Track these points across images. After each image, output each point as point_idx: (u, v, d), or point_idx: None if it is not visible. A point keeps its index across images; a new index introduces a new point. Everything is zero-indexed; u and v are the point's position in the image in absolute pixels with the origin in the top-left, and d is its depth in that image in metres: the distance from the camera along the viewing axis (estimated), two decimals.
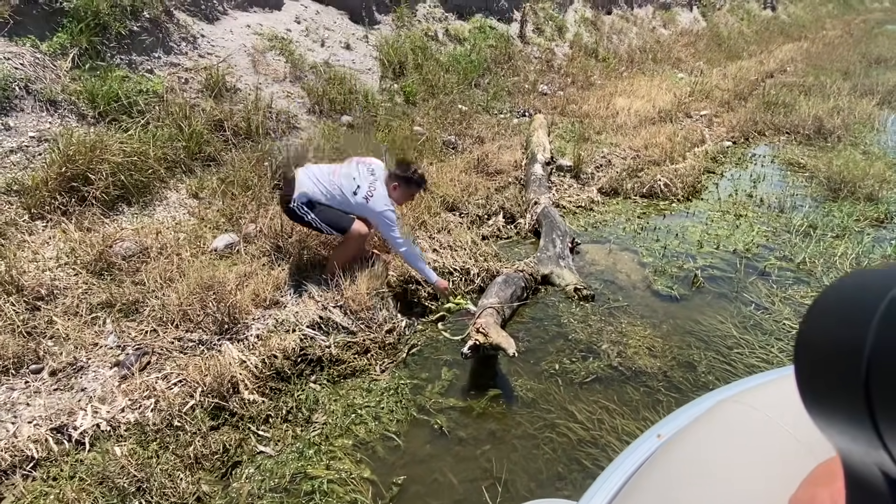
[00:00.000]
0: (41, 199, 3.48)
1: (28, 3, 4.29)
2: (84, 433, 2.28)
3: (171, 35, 5.12)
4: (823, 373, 0.38)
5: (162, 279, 3.10)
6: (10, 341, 2.59)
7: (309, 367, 2.81)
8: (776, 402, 0.87)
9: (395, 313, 3.24)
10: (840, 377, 0.35)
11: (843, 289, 0.39)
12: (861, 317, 0.34)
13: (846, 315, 0.36)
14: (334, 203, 3.14)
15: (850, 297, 0.37)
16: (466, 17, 9.43)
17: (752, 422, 0.84)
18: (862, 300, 0.35)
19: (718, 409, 0.90)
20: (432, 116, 6.49)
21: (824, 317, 0.39)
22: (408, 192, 3.29)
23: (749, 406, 0.87)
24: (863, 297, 0.35)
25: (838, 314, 0.38)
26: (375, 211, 3.10)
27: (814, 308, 0.40)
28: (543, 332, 3.28)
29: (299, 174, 3.14)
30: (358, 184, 3.10)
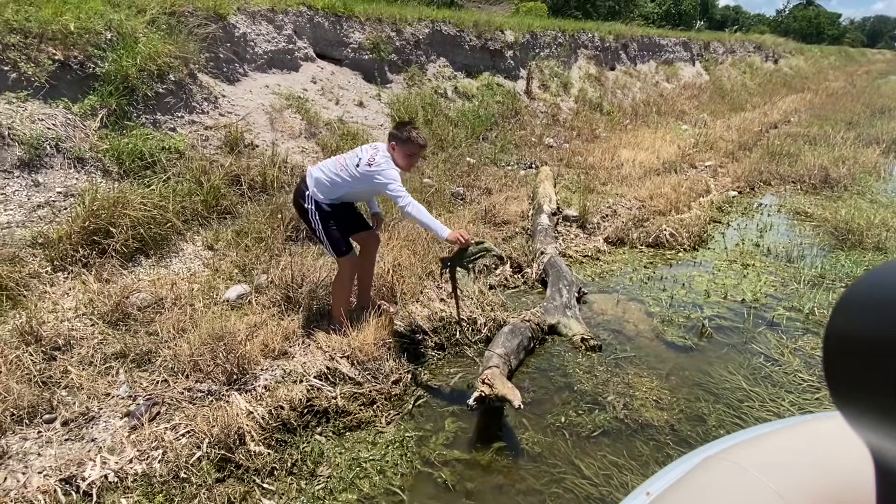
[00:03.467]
0: (64, 252, 3.63)
1: (63, 68, 4.60)
2: (92, 484, 2.30)
3: (194, 96, 5.42)
4: (858, 367, 0.36)
5: (175, 330, 3.18)
6: (27, 391, 2.66)
7: (315, 418, 2.83)
8: (762, 459, 0.90)
9: (402, 363, 3.26)
10: (876, 371, 0.34)
11: (879, 279, 0.37)
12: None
13: (883, 307, 0.35)
14: (339, 189, 3.15)
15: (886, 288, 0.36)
16: (474, 75, 9.84)
17: (738, 479, 0.87)
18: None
19: (705, 466, 0.93)
20: (441, 169, 6.69)
21: (859, 308, 0.38)
22: (404, 152, 3.11)
23: (735, 463, 0.90)
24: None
25: (874, 306, 0.36)
26: (376, 171, 3.01)
27: (846, 298, 0.39)
28: (549, 383, 3.27)
29: (313, 170, 3.26)
30: (359, 157, 3.13)
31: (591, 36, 13.42)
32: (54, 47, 4.60)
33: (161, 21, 5.41)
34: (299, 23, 7.30)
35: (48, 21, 4.61)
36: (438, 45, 9.41)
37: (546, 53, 11.77)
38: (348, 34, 7.93)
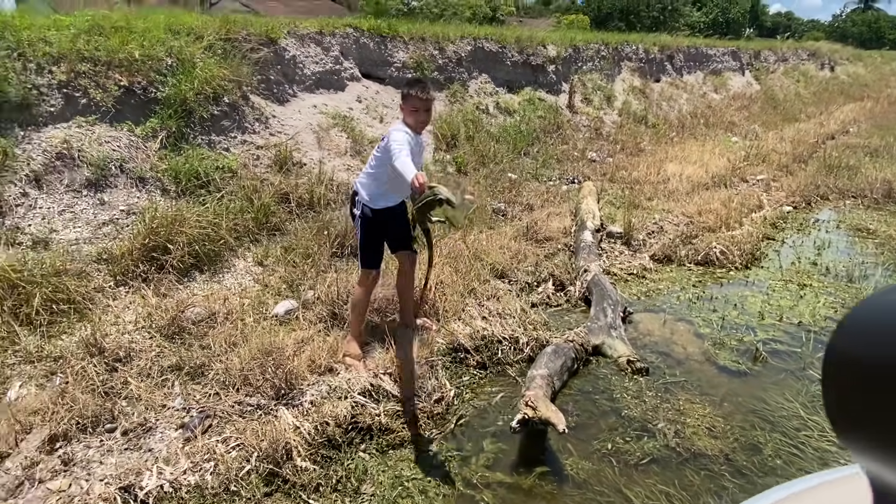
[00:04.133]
0: (125, 268, 3.84)
1: (128, 93, 4.90)
2: (149, 494, 2.40)
3: (246, 116, 5.66)
4: (858, 393, 0.36)
5: (227, 344, 3.30)
6: (90, 401, 2.81)
7: (359, 435, 2.86)
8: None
9: (444, 382, 3.27)
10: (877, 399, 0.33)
11: (881, 304, 0.37)
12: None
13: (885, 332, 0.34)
14: (379, 179, 3.12)
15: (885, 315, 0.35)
16: (516, 90, 9.86)
17: None
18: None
19: None
20: (483, 185, 6.71)
21: (860, 333, 0.37)
22: (408, 109, 3.05)
23: None
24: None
25: (876, 331, 0.35)
26: (387, 139, 3.01)
27: (847, 322, 0.38)
28: (595, 407, 3.20)
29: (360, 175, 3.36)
30: (384, 136, 3.18)
31: (634, 48, 13.24)
32: (120, 74, 4.91)
33: (217, 46, 5.69)
34: (346, 44, 7.52)
35: (115, 50, 4.93)
36: (480, 61, 9.49)
37: (589, 67, 11.68)
38: (392, 54, 8.11)
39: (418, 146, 3.16)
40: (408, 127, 3.05)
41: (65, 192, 4.20)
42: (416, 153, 3.11)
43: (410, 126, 3.06)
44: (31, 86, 4.40)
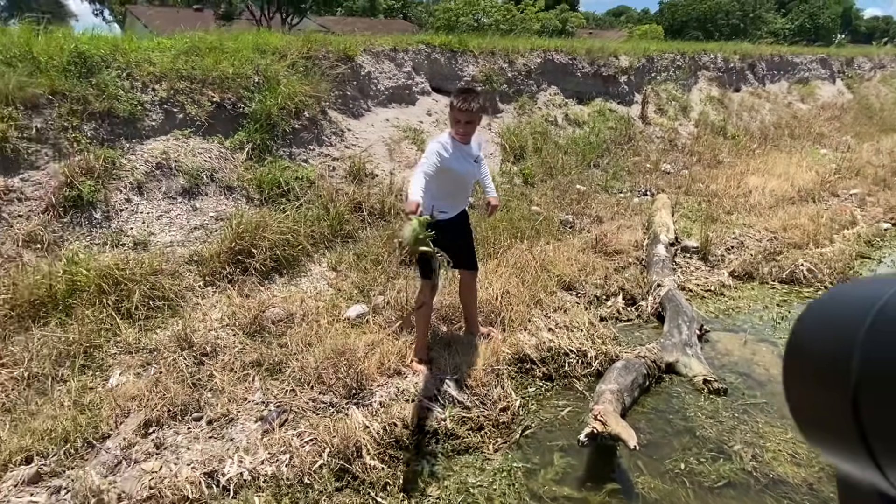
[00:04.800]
0: (213, 269, 4.12)
1: (219, 109, 5.30)
2: (230, 480, 2.55)
3: (324, 130, 5.95)
4: (812, 390, 0.36)
5: (302, 343, 3.46)
6: (180, 391, 3.03)
7: (425, 438, 2.91)
8: None
9: (509, 392, 3.25)
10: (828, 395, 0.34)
11: (829, 303, 0.37)
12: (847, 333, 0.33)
13: (832, 331, 0.35)
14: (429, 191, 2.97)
15: (836, 310, 0.36)
16: (586, 101, 9.73)
17: None
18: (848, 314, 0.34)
19: None
20: (550, 196, 6.66)
21: (811, 333, 0.38)
22: (451, 119, 3.09)
23: None
24: (849, 312, 0.34)
25: (824, 330, 0.36)
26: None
27: (800, 324, 0.38)
28: (667, 426, 3.07)
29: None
30: None
31: (713, 57, 12.71)
32: (213, 91, 5.32)
33: (299, 64, 6.04)
34: (418, 59, 7.75)
35: (210, 69, 5.35)
36: (550, 73, 9.46)
37: (663, 77, 11.33)
38: (462, 68, 8.25)
39: (464, 156, 3.13)
40: (452, 137, 3.08)
41: (162, 199, 4.58)
42: (461, 163, 3.10)
43: (457, 136, 3.08)
44: (137, 102, 4.86)
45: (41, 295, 3.50)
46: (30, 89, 4.33)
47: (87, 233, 4.13)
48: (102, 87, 4.69)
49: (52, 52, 4.64)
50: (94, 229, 4.17)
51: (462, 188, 3.30)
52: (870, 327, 0.31)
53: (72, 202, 4.14)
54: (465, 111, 3.01)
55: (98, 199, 4.25)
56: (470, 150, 3.18)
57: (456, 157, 3.07)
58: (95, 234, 4.15)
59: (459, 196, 3.30)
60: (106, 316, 3.57)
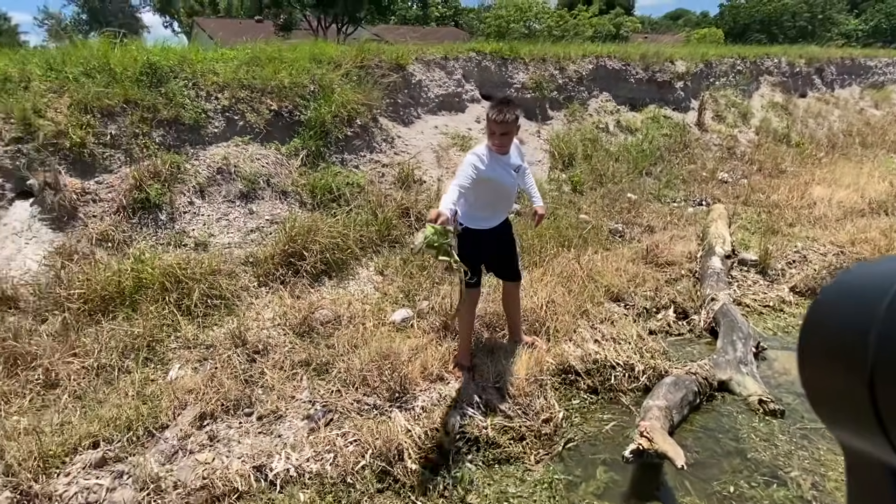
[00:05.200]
0: (267, 270, 4.29)
1: (277, 116, 5.52)
2: (277, 475, 2.65)
3: (375, 137, 6.09)
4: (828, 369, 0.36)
5: (349, 345, 3.55)
6: (234, 386, 3.17)
7: (466, 445, 2.91)
8: None
9: (552, 403, 3.21)
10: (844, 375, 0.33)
11: (849, 279, 0.36)
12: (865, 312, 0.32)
13: (850, 309, 0.34)
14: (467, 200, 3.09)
15: (855, 288, 0.35)
16: (639, 108, 9.51)
17: None
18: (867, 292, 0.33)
19: None
20: (599, 205, 6.54)
21: (828, 310, 0.37)
22: (487, 131, 3.07)
23: None
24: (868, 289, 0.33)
25: (842, 308, 0.36)
26: None
27: (818, 300, 0.38)
28: (717, 446, 2.95)
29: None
30: None
31: (776, 61, 12.15)
32: (271, 99, 5.55)
33: (353, 73, 6.21)
34: (468, 67, 7.81)
35: (269, 78, 5.59)
36: (602, 79, 9.31)
37: (722, 82, 10.92)
38: (512, 75, 8.25)
39: (502, 166, 3.08)
40: (489, 148, 3.05)
41: (222, 202, 4.81)
42: (499, 173, 3.05)
43: (490, 142, 3.04)
44: (201, 110, 5.14)
45: (111, 291, 3.74)
46: (106, 99, 4.66)
47: (153, 233, 4.39)
48: (170, 96, 4.98)
49: (127, 63, 4.97)
50: (159, 230, 4.43)
51: (502, 198, 3.24)
52: (889, 306, 0.31)
53: (140, 204, 4.41)
54: (499, 123, 2.96)
55: (164, 202, 4.51)
56: (508, 159, 3.13)
57: (493, 167, 3.04)
58: (160, 234, 4.41)
59: (500, 206, 3.27)
60: (168, 312, 3.78)
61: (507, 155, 3.11)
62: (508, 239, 3.39)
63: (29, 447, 2.58)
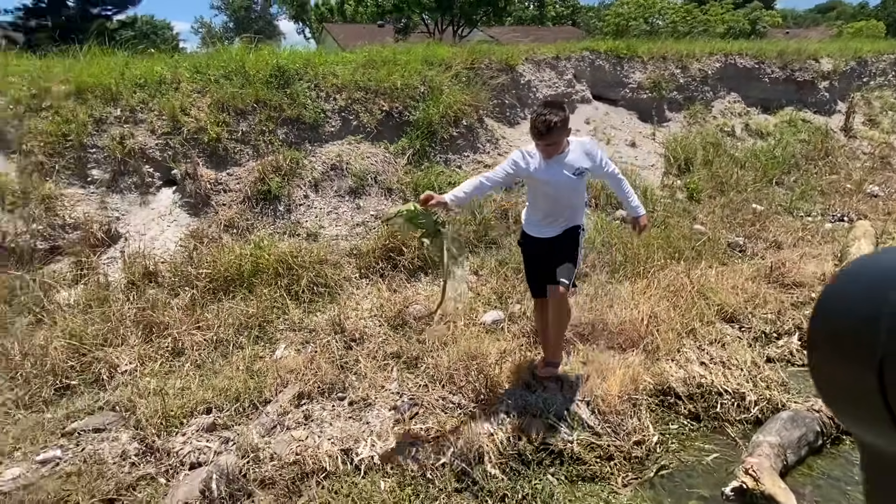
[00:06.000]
0: (368, 263, 4.49)
1: (387, 117, 5.75)
2: (362, 461, 2.75)
3: (479, 137, 6.11)
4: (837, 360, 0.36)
5: (438, 342, 3.59)
6: (330, 371, 3.35)
7: (549, 457, 2.82)
8: None
9: (646, 424, 3.01)
10: (854, 367, 0.33)
11: (859, 270, 0.37)
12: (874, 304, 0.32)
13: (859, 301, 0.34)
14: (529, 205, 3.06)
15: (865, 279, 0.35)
16: (772, 110, 8.61)
17: None
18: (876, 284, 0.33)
19: None
20: (718, 215, 6.02)
21: (838, 301, 0.37)
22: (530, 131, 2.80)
23: None
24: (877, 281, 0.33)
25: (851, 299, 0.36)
26: None
27: (828, 291, 0.38)
28: (841, 498, 2.58)
29: None
30: None
31: None
32: (384, 100, 5.79)
33: (462, 74, 6.29)
34: (580, 67, 7.57)
35: (383, 80, 5.84)
36: (730, 79, 8.55)
37: (878, 82, 9.55)
38: (628, 74, 7.86)
39: (555, 166, 2.79)
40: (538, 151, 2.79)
41: (333, 197, 5.12)
42: (550, 174, 2.80)
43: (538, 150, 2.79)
44: (321, 110, 5.49)
45: (232, 272, 4.13)
46: (240, 99, 5.15)
47: (271, 222, 4.78)
48: (294, 97, 5.39)
49: (259, 66, 5.46)
50: (277, 220, 4.81)
51: (560, 204, 2.91)
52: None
53: (262, 195, 4.82)
54: (536, 132, 2.67)
55: (283, 194, 4.89)
56: (566, 159, 2.80)
57: (544, 167, 2.78)
58: (278, 224, 4.79)
59: (558, 213, 2.93)
60: (279, 296, 4.09)
61: (564, 154, 2.80)
62: (565, 248, 2.98)
63: (155, 406, 2.93)
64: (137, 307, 3.77)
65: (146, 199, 4.74)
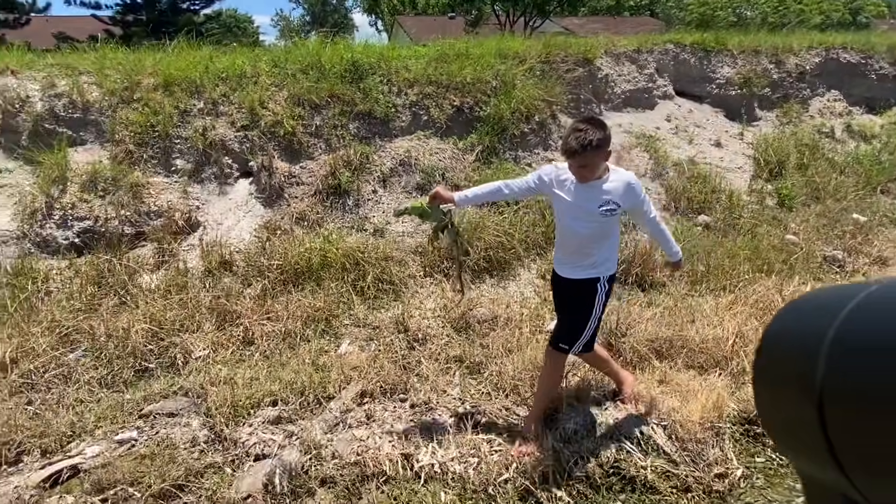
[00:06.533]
0: (433, 262, 4.42)
1: (458, 112, 5.64)
2: (422, 468, 2.69)
3: (552, 134, 5.89)
4: (780, 396, 0.37)
5: (503, 348, 3.48)
6: (392, 370, 3.31)
7: (619, 482, 2.65)
8: None
9: (730, 455, 2.76)
10: (796, 404, 0.34)
11: (803, 305, 0.38)
12: (813, 342, 0.33)
13: (799, 337, 0.36)
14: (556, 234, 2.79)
15: (806, 315, 0.37)
16: (880, 110, 7.79)
17: None
18: (815, 321, 0.34)
19: None
20: (812, 225, 5.50)
21: (781, 336, 0.38)
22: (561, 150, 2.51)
23: None
24: (816, 318, 0.34)
25: (793, 335, 0.37)
26: None
27: (773, 325, 0.39)
28: None
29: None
30: None
31: None
32: (454, 95, 5.68)
33: (536, 68, 6.08)
34: (663, 61, 7.13)
35: (454, 74, 5.73)
36: (831, 75, 7.80)
37: None
38: (715, 69, 7.33)
39: (581, 193, 2.45)
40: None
41: (400, 192, 5.09)
42: (571, 198, 2.48)
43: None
44: (392, 105, 5.47)
45: (302, 265, 4.19)
46: (315, 93, 5.22)
47: (340, 216, 4.82)
48: (367, 91, 5.40)
49: (335, 61, 5.50)
50: (345, 214, 4.84)
51: (575, 238, 2.54)
52: (837, 331, 0.32)
53: (332, 189, 4.87)
54: (570, 149, 2.31)
55: (352, 189, 4.92)
56: (601, 186, 2.43)
57: (571, 188, 2.46)
58: (346, 218, 4.82)
59: (570, 247, 2.58)
60: (345, 291, 4.11)
61: (601, 181, 2.44)
62: (575, 300, 2.61)
63: (225, 395, 3.00)
64: (213, 295, 3.90)
65: (224, 190, 4.90)
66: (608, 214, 2.45)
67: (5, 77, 4.81)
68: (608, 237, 2.56)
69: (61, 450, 2.75)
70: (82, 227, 4.29)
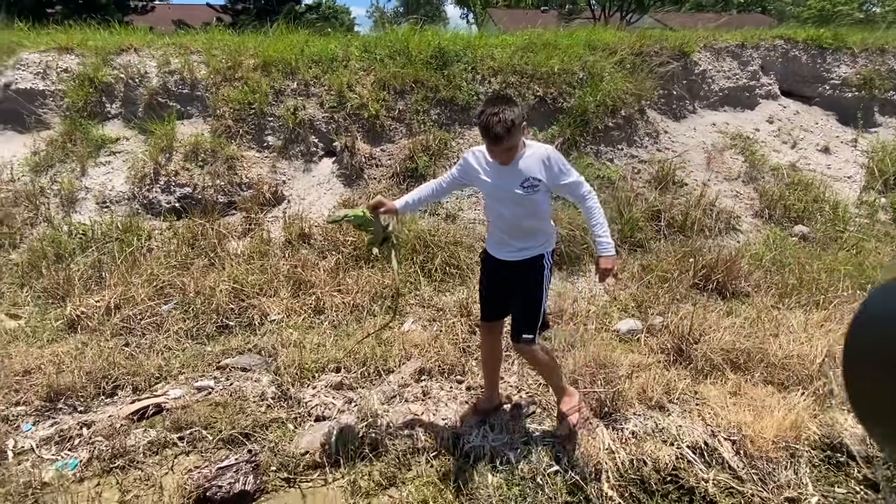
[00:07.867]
0: None
1: (541, 102, 5.55)
2: (472, 448, 2.71)
3: (637, 130, 5.65)
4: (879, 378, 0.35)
5: (565, 342, 3.40)
6: (452, 352, 3.36)
7: (677, 491, 2.52)
8: None
9: (805, 480, 2.55)
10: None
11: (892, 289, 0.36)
12: None
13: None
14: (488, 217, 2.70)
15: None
16: None
17: None
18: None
19: None
20: None
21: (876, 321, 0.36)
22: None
23: None
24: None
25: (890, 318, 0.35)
26: None
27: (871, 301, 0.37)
28: None
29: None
30: None
31: None
32: (538, 85, 5.60)
33: (627, 61, 5.85)
34: (769, 57, 6.61)
35: (540, 64, 5.64)
36: None
37: None
38: (830, 68, 6.69)
39: (504, 173, 2.34)
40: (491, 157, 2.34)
41: None
42: (494, 179, 2.37)
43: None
44: (474, 92, 5.48)
45: None
46: (400, 78, 5.34)
47: None
48: (451, 78, 5.45)
49: (422, 47, 5.59)
50: None
51: (503, 221, 2.44)
52: None
53: (409, 173, 4.97)
54: (495, 136, 2.17)
55: (428, 173, 4.99)
56: (516, 166, 2.32)
57: (493, 171, 2.37)
58: None
59: (508, 233, 2.45)
60: (413, 271, 4.20)
61: (515, 162, 2.32)
62: (523, 282, 2.50)
63: (293, 357, 3.18)
64: (291, 264, 4.13)
65: (309, 167, 5.15)
66: (531, 192, 2.34)
67: (129, 54, 5.34)
68: (538, 213, 2.44)
69: (149, 389, 3.04)
70: (183, 193, 4.69)
